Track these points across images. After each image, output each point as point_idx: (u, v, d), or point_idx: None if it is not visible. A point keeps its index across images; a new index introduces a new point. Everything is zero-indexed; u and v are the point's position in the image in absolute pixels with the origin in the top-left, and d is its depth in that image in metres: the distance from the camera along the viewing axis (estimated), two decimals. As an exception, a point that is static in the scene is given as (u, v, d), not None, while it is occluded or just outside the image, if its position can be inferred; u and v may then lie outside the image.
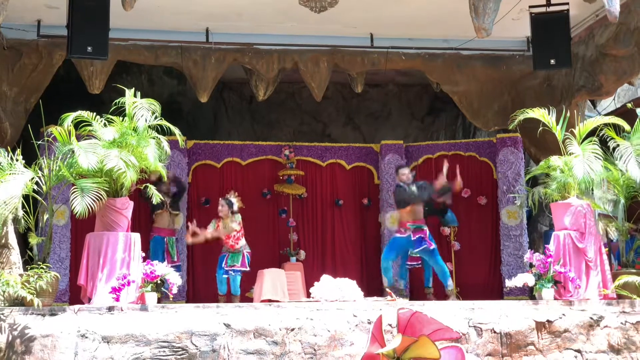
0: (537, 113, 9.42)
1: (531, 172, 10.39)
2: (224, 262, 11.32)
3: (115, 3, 9.30)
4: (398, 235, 11.23)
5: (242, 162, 13.36)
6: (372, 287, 12.05)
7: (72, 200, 8.06)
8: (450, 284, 11.21)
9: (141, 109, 8.68)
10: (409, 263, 12.01)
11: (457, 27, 11.16)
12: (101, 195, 8.18)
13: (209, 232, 11.30)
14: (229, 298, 11.35)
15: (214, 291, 11.62)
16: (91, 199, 8.04)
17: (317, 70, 12.26)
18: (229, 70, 12.37)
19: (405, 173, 11.42)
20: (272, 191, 13.46)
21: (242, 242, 11.41)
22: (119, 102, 8.78)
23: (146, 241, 11.44)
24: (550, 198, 9.56)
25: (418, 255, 11.42)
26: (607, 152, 9.39)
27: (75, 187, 8.15)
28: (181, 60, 11.89)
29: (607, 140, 9.44)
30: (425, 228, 11.10)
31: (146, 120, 8.66)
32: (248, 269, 11.41)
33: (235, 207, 11.38)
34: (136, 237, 8.58)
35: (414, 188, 11.17)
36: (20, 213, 8.07)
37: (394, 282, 11.37)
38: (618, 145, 9.32)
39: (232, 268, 11.27)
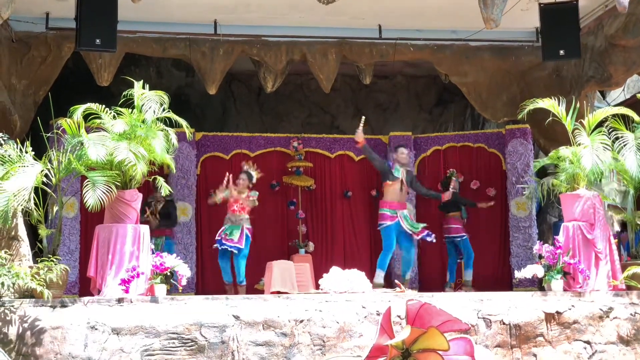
0: (547, 103, 9.39)
1: (540, 163, 10.38)
2: (221, 233, 11.28)
3: (123, -5, 9.32)
4: (388, 222, 11.36)
5: (251, 153, 13.35)
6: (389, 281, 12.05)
7: (85, 193, 8.08)
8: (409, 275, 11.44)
9: (149, 100, 8.70)
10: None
11: (466, 18, 11.12)
12: (112, 188, 8.20)
13: (222, 195, 11.34)
14: (235, 288, 11.33)
15: (222, 283, 11.63)
16: (102, 191, 8.07)
17: (325, 62, 12.24)
18: (237, 62, 12.37)
19: (405, 153, 11.60)
20: (281, 183, 13.45)
21: (245, 215, 11.38)
22: (127, 94, 8.80)
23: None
24: (559, 189, 9.53)
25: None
26: (614, 144, 9.36)
27: (87, 180, 8.17)
28: (189, 53, 11.89)
29: (611, 131, 9.41)
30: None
31: (154, 113, 8.68)
32: (243, 247, 11.25)
33: (255, 180, 11.40)
34: (145, 229, 8.60)
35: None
36: (32, 205, 8.09)
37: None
38: (617, 137, 9.28)
39: (227, 242, 11.17)
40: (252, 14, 11.54)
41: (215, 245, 11.40)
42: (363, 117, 11.20)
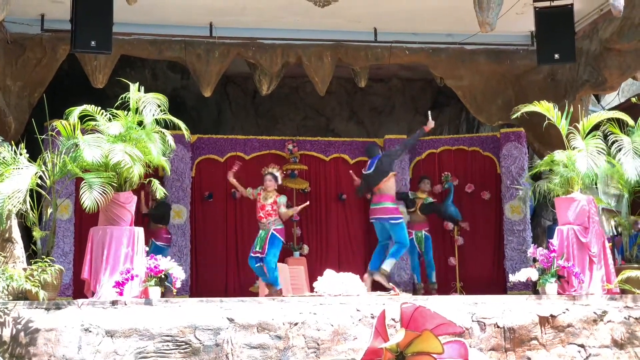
0: (542, 107, 9.40)
1: (535, 168, 10.40)
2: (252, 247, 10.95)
3: (119, -3, 9.32)
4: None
5: (246, 156, 13.33)
6: (376, 281, 12.04)
7: (82, 194, 8.08)
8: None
9: (149, 103, 8.70)
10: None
11: (461, 21, 11.14)
12: (108, 190, 8.20)
13: (250, 192, 11.02)
14: (269, 288, 10.97)
15: (217, 285, 11.59)
16: (99, 193, 8.07)
17: (320, 65, 12.25)
18: (233, 65, 12.37)
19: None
20: (276, 186, 13.42)
21: (272, 218, 10.88)
22: (125, 97, 8.79)
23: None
24: (554, 193, 9.55)
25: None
26: (611, 148, 9.38)
27: (84, 182, 8.17)
28: (185, 55, 11.89)
29: (607, 135, 9.42)
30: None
31: (153, 115, 8.68)
32: (265, 254, 10.65)
33: (280, 180, 11.20)
34: (140, 231, 8.59)
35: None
36: (27, 207, 8.08)
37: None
38: (616, 140, 9.29)
39: (254, 254, 10.79)
40: (248, 16, 11.54)
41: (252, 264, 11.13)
42: None
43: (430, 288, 12.48)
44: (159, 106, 8.74)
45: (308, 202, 11.45)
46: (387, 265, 10.67)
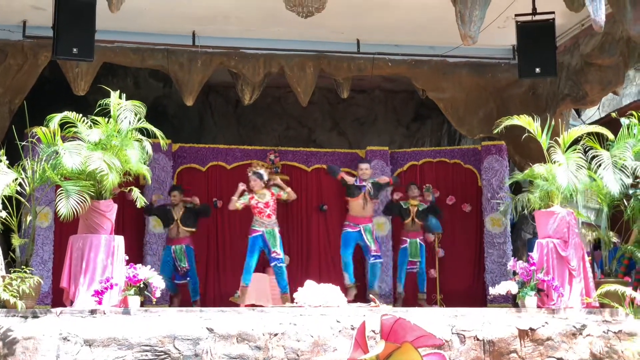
0: (523, 120, 9.45)
1: (513, 177, 10.46)
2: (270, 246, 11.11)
3: (101, 5, 9.27)
4: (349, 229, 11.70)
5: (227, 166, 13.32)
6: (356, 292, 12.04)
7: (58, 202, 8.03)
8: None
9: (125, 110, 8.66)
10: (409, 267, 12.59)
11: (444, 34, 11.17)
12: (85, 198, 8.14)
13: (240, 202, 11.19)
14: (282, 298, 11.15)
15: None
16: (76, 201, 8.02)
17: (303, 75, 12.25)
18: (215, 74, 12.35)
19: (363, 169, 11.88)
20: (257, 195, 13.40)
21: (274, 216, 11.30)
22: (103, 103, 8.76)
23: (131, 244, 11.46)
24: (534, 206, 9.58)
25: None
26: (590, 162, 9.42)
27: (61, 189, 8.11)
28: (167, 63, 11.86)
29: (586, 149, 9.47)
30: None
31: (130, 123, 8.64)
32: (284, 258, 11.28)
33: (266, 177, 11.31)
34: (120, 240, 8.54)
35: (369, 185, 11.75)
36: (5, 214, 8.02)
37: (355, 280, 11.74)
38: (596, 155, 9.34)
39: (276, 256, 11.07)
40: (231, 26, 11.54)
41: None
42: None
43: (420, 298, 12.54)
44: (136, 114, 8.70)
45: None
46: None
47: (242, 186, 11.25)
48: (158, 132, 8.91)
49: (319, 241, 13.57)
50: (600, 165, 9.20)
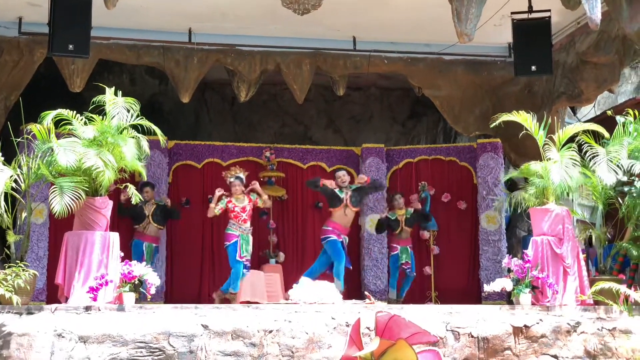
0: (521, 117, 9.45)
1: (508, 175, 10.46)
2: (238, 253, 11.14)
3: (97, 1, 9.26)
4: (335, 237, 11.58)
5: (223, 163, 13.31)
6: (351, 289, 12.06)
7: (51, 199, 8.02)
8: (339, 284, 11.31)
9: (117, 107, 8.65)
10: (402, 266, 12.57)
11: (440, 32, 11.19)
12: (80, 194, 8.14)
13: (218, 208, 11.24)
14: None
15: (191, 292, 11.54)
16: (70, 198, 8.01)
17: (299, 73, 12.26)
18: (211, 71, 12.35)
19: (340, 176, 11.73)
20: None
21: (249, 221, 11.41)
22: (96, 100, 8.75)
23: (127, 241, 11.48)
24: (529, 203, 9.59)
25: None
26: (585, 159, 9.44)
27: (54, 186, 8.10)
28: (163, 60, 11.86)
29: (582, 145, 9.48)
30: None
31: (123, 119, 8.63)
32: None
33: (244, 180, 11.40)
34: (115, 236, 8.54)
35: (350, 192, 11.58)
36: (0, 210, 8.02)
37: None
38: (592, 151, 9.35)
39: (247, 260, 11.17)
40: (227, 23, 11.54)
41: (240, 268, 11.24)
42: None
43: (396, 296, 12.53)
44: (128, 110, 8.69)
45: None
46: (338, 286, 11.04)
47: (219, 192, 11.29)
48: (157, 130, 8.92)
49: (314, 238, 13.53)
50: (594, 157, 9.20)
